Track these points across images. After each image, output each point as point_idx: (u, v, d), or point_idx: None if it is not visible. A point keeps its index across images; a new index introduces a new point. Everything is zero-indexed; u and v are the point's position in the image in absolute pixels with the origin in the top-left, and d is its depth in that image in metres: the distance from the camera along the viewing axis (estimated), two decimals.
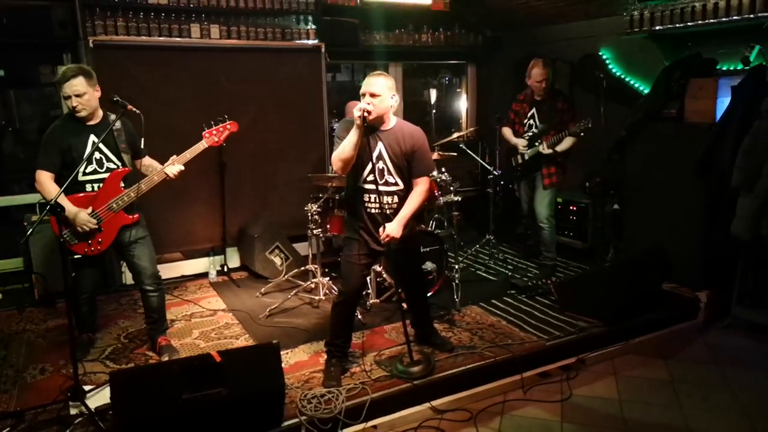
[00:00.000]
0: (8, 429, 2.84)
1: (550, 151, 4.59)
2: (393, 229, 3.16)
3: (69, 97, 3.24)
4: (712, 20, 4.29)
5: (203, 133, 3.58)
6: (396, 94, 3.22)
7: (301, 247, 5.18)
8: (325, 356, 3.45)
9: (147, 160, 3.58)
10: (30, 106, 6.02)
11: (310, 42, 5.43)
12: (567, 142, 4.58)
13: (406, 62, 6.57)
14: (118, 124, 3.39)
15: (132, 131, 3.50)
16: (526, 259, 5.39)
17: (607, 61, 5.49)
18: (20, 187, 5.17)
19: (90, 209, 3.31)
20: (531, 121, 4.83)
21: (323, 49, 5.42)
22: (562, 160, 4.73)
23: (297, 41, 5.39)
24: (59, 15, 4.49)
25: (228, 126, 3.64)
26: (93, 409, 2.90)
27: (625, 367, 3.73)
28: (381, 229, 3.19)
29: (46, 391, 3.21)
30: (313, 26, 5.46)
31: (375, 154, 3.20)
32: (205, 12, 4.99)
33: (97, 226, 3.31)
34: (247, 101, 5.11)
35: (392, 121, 3.28)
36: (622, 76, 5.39)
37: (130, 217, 3.44)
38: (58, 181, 3.26)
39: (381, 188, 3.23)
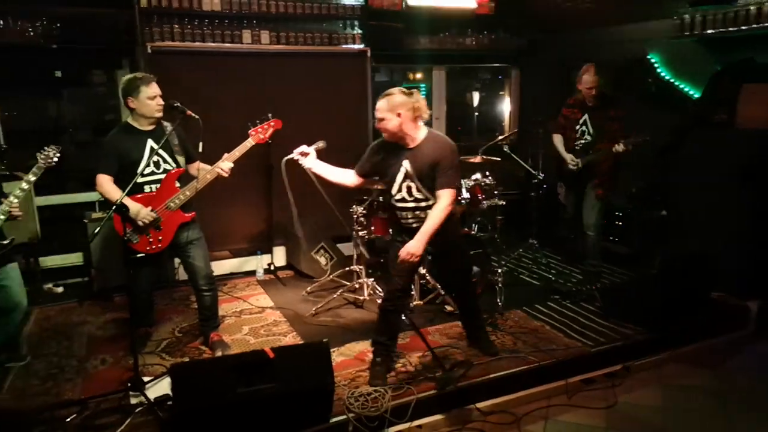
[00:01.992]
0: (74, 416, 3.01)
1: (625, 148, 4.43)
2: (414, 246, 3.15)
3: (153, 98, 3.44)
4: (767, 24, 4.20)
5: (249, 131, 3.71)
6: (404, 111, 3.14)
7: (345, 248, 5.28)
8: (371, 355, 3.53)
9: (199, 165, 3.73)
10: (84, 108, 6.31)
11: (356, 46, 5.53)
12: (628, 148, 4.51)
13: (449, 65, 6.60)
14: (170, 129, 3.56)
15: (183, 135, 3.66)
16: (569, 264, 5.37)
17: (656, 65, 5.41)
18: (75, 185, 5.42)
19: (149, 208, 3.48)
20: (583, 128, 4.76)
21: (368, 53, 5.51)
22: (615, 168, 4.68)
23: (343, 46, 5.50)
24: (120, 22, 4.70)
25: (272, 123, 3.76)
26: (152, 399, 3.05)
27: (671, 375, 3.70)
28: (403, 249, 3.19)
29: (107, 380, 3.39)
30: (359, 31, 5.56)
31: (402, 172, 3.24)
32: (256, 18, 5.14)
33: (156, 216, 3.47)
34: (294, 104, 5.24)
35: (420, 136, 3.23)
36: (671, 81, 5.31)
37: (187, 215, 3.60)
38: (117, 184, 3.43)
39: (411, 204, 3.29)
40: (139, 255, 3.52)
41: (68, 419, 2.97)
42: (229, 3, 4.98)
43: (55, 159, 3.41)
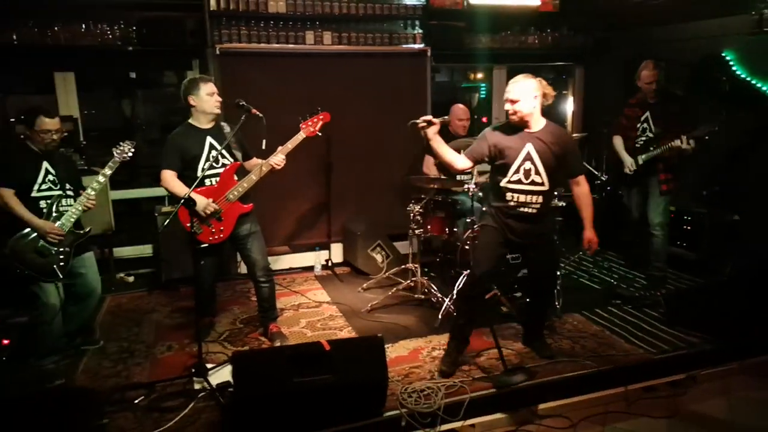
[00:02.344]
0: (142, 398, 3.18)
1: (689, 146, 4.30)
2: (592, 235, 3.47)
3: (212, 95, 3.63)
4: None
5: (300, 124, 3.80)
6: (539, 94, 3.25)
7: (402, 246, 5.31)
8: (448, 342, 3.56)
9: (254, 161, 3.86)
10: (154, 107, 6.64)
11: (416, 46, 5.55)
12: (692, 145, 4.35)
13: (510, 65, 6.51)
14: (227, 128, 3.73)
15: (240, 133, 3.78)
16: (632, 268, 5.19)
17: (731, 63, 5.15)
18: (147, 180, 5.71)
19: (210, 200, 3.63)
20: (645, 125, 4.64)
21: (429, 53, 5.53)
22: (679, 165, 4.51)
23: (403, 45, 5.53)
24: (190, 25, 4.91)
25: (321, 117, 3.84)
26: (214, 385, 3.18)
27: (739, 387, 3.52)
28: (584, 240, 3.48)
29: (173, 366, 3.56)
30: (420, 30, 5.58)
31: (522, 155, 3.27)
32: (319, 19, 5.25)
33: (218, 208, 3.62)
34: (355, 104, 5.33)
35: (541, 123, 3.33)
36: (748, 79, 5.04)
37: (246, 206, 3.75)
38: (179, 179, 3.62)
39: (526, 187, 3.30)
40: (203, 245, 3.68)
41: (136, 401, 3.15)
42: (293, 5, 5.11)
43: (130, 154, 3.63)
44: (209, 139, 3.67)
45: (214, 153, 3.66)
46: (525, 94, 3.21)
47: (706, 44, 5.38)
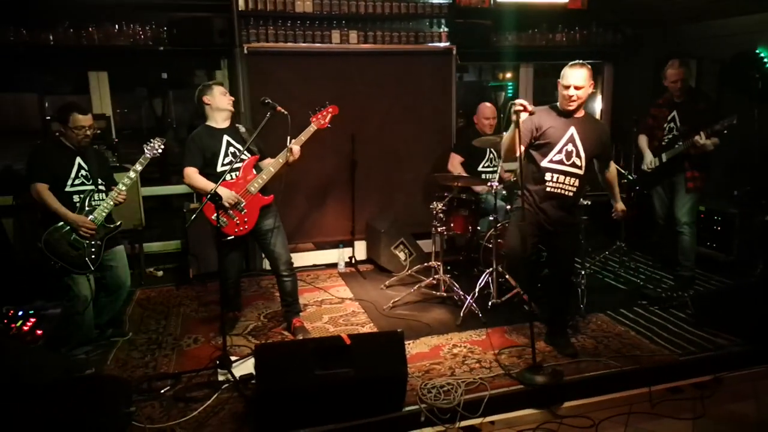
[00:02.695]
0: (168, 388, 3.27)
1: (708, 141, 4.24)
2: (622, 206, 3.86)
3: (225, 94, 3.87)
4: None
5: (310, 117, 3.88)
6: (592, 82, 3.40)
7: (425, 244, 5.32)
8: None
9: (268, 161, 3.93)
10: (185, 107, 6.76)
11: (442, 44, 5.55)
12: (714, 140, 4.28)
13: (538, 63, 6.46)
14: (242, 129, 3.90)
15: (256, 136, 3.82)
16: (660, 269, 5.10)
17: (765, 60, 5.02)
18: (177, 178, 5.82)
19: (233, 192, 3.72)
20: (671, 125, 4.56)
21: (454, 51, 5.52)
22: (706, 163, 4.43)
23: (429, 44, 5.53)
24: (219, 25, 5.00)
25: (330, 110, 3.92)
26: (238, 377, 3.25)
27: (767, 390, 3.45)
28: (616, 210, 3.86)
29: (198, 358, 3.64)
30: (445, 29, 5.57)
31: (566, 137, 3.43)
32: (345, 19, 5.29)
33: (240, 200, 3.73)
34: (380, 102, 5.37)
35: (582, 110, 3.49)
36: None
37: (266, 197, 3.85)
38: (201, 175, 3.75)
39: (567, 168, 3.43)
40: (228, 238, 3.77)
41: (163, 390, 3.23)
42: (320, 4, 5.16)
43: (160, 150, 3.74)
44: (226, 137, 3.82)
45: (232, 149, 3.80)
46: (586, 81, 3.35)
47: (739, 41, 5.25)
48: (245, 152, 3.78)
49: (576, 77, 3.33)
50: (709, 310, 3.94)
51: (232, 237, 3.79)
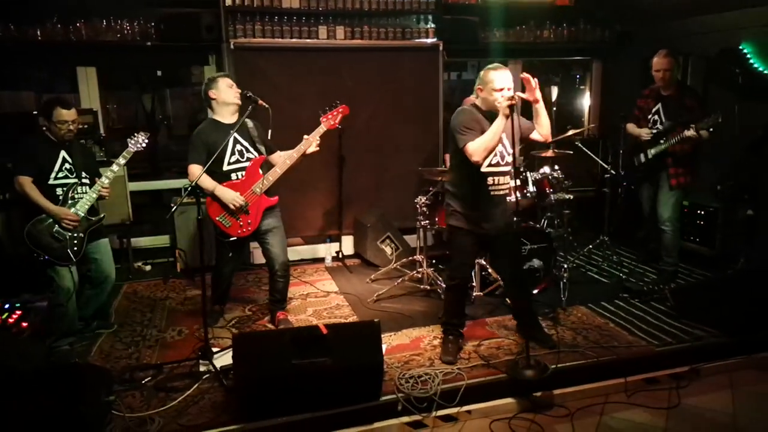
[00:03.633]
0: (150, 378, 3.30)
1: (695, 134, 4.22)
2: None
3: (231, 87, 3.79)
4: None
5: (320, 118, 3.90)
6: None
7: (411, 239, 5.36)
8: (442, 335, 3.66)
9: (278, 154, 3.95)
10: (180, 104, 6.80)
11: (429, 41, 5.58)
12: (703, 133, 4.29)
13: (526, 59, 6.50)
14: (250, 123, 3.84)
15: (261, 129, 3.90)
16: (644, 263, 5.14)
17: (748, 56, 5.06)
18: (171, 174, 5.86)
19: (238, 194, 3.73)
20: (656, 117, 4.58)
21: (441, 48, 5.56)
22: (691, 159, 4.46)
23: (416, 40, 5.56)
24: (207, 21, 5.04)
25: (340, 110, 3.93)
26: (218, 368, 3.29)
27: (744, 381, 3.47)
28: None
29: (182, 349, 3.68)
30: (433, 25, 5.61)
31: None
32: (332, 14, 5.33)
33: (245, 203, 3.73)
34: (367, 97, 5.40)
35: None
36: (765, 72, 4.94)
37: (271, 199, 3.86)
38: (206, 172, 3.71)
39: (502, 169, 3.41)
40: (231, 239, 3.79)
41: (144, 381, 3.27)
42: (307, 0, 5.19)
43: (144, 144, 3.77)
44: (233, 134, 3.75)
45: (239, 147, 3.78)
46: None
47: (724, 37, 5.29)
48: (252, 151, 3.80)
49: (509, 78, 3.30)
50: (688, 302, 3.97)
51: (234, 238, 3.81)
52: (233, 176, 3.77)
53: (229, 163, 3.75)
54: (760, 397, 3.32)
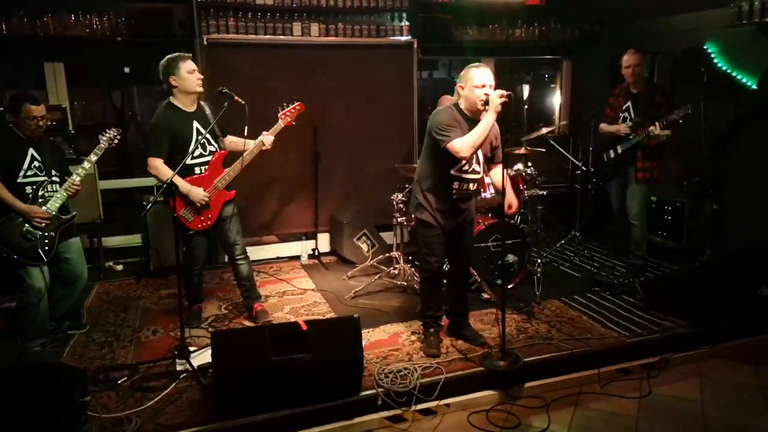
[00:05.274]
0: (125, 378, 3.26)
1: (661, 132, 4.34)
2: (515, 201, 3.68)
3: (192, 72, 3.64)
4: None
5: (279, 114, 3.89)
6: None
7: (387, 236, 5.38)
8: (422, 328, 3.71)
9: (229, 138, 3.94)
10: (150, 101, 6.68)
11: (403, 38, 5.61)
12: (666, 132, 4.42)
13: (499, 57, 6.58)
14: (208, 111, 3.78)
15: (215, 113, 3.79)
16: (614, 257, 5.27)
17: (712, 55, 5.21)
18: (141, 171, 5.76)
19: (202, 190, 3.70)
20: (626, 114, 4.70)
21: (415, 45, 5.59)
22: (659, 154, 4.58)
23: (390, 38, 5.58)
24: (179, 16, 4.96)
25: (297, 107, 3.93)
26: (196, 367, 3.26)
27: (712, 370, 3.60)
28: (506, 207, 3.56)
29: (157, 349, 3.63)
30: (407, 23, 5.63)
31: None
32: (306, 11, 5.30)
33: (208, 200, 3.71)
34: (342, 94, 5.40)
35: None
36: (728, 71, 5.10)
37: (230, 192, 3.85)
38: (168, 165, 3.63)
39: (469, 176, 3.42)
40: (190, 232, 3.77)
41: (120, 381, 3.22)
42: None
43: (116, 140, 3.70)
44: (195, 124, 3.70)
45: (201, 139, 3.70)
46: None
47: (690, 37, 5.44)
48: (214, 144, 3.77)
49: (490, 75, 3.30)
50: (657, 294, 4.09)
51: (193, 232, 3.79)
52: (197, 170, 3.71)
53: (193, 157, 3.67)
54: (727, 385, 3.44)
